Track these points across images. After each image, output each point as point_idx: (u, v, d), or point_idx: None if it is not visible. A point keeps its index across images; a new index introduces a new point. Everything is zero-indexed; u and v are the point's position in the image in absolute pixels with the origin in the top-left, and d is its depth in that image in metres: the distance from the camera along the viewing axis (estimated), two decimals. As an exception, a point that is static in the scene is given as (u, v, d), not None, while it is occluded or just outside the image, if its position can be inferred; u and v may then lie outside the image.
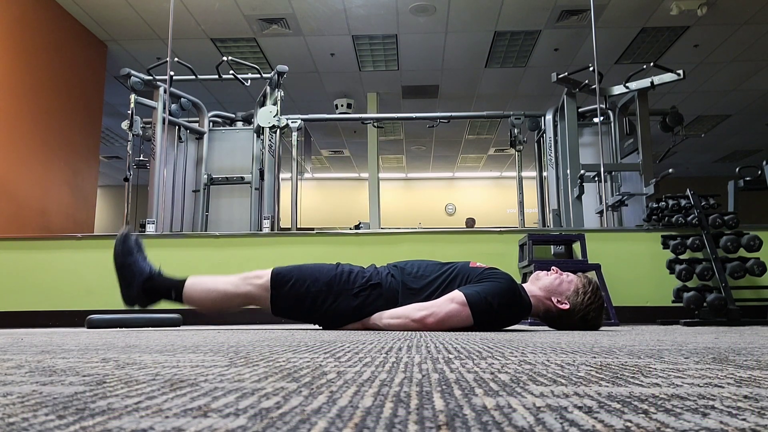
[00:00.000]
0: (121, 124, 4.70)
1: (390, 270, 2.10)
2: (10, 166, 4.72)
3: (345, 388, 0.46)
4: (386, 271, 2.09)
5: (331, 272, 2.08)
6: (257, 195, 4.82)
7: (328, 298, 2.03)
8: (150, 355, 0.82)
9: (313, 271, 2.08)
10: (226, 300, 2.12)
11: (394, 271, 2.09)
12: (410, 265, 2.11)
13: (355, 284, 2.04)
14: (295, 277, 2.06)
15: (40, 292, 3.68)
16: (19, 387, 0.46)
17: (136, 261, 2.09)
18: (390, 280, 2.05)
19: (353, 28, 5.88)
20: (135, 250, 2.11)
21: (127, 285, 2.07)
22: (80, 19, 5.66)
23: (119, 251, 2.09)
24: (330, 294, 2.04)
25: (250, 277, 2.12)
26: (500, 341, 1.19)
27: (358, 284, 2.04)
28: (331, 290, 2.04)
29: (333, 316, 2.05)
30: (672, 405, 0.38)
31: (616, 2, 5.36)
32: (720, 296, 3.10)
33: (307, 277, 2.06)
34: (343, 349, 0.91)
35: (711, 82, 7.03)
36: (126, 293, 2.09)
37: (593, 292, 2.04)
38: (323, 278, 2.06)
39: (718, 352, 0.89)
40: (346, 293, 2.03)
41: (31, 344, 1.14)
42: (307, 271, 2.09)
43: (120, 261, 2.08)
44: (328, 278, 2.06)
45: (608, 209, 4.56)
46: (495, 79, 7.09)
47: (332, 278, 2.06)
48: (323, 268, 2.10)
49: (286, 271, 2.09)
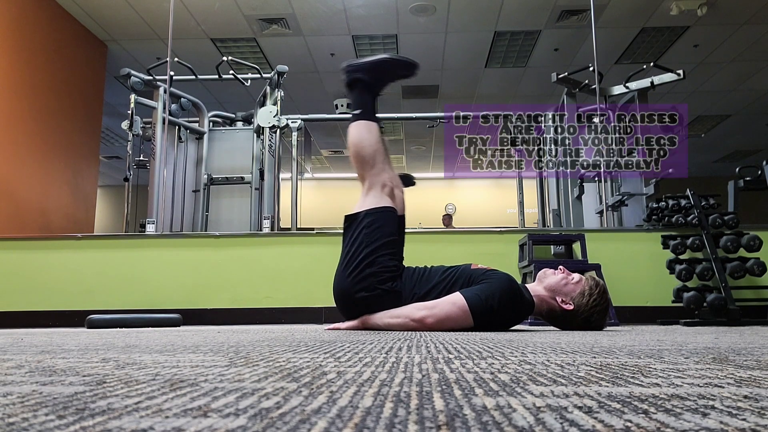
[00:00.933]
0: (121, 124, 4.71)
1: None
2: (10, 166, 4.72)
3: (345, 388, 0.46)
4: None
5: (386, 251, 2.01)
6: (257, 195, 4.82)
7: (360, 265, 1.97)
8: (150, 355, 0.82)
9: (387, 232, 2.03)
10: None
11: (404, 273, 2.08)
12: (413, 270, 2.10)
13: (383, 280, 1.98)
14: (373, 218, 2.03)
15: (40, 292, 3.68)
16: (19, 387, 0.46)
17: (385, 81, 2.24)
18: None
19: (353, 28, 5.88)
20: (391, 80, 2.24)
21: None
22: (80, 19, 5.66)
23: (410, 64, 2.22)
24: (364, 260, 1.97)
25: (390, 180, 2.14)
26: (500, 341, 1.19)
27: (386, 284, 1.99)
28: (365, 260, 1.97)
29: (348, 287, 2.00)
30: (672, 405, 0.38)
31: (616, 2, 5.36)
32: (720, 296, 3.10)
33: (378, 229, 2.01)
34: (343, 349, 0.91)
35: (711, 82, 7.03)
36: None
37: (600, 294, 2.02)
38: (376, 243, 1.99)
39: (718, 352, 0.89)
40: (372, 278, 1.98)
41: (31, 344, 1.14)
42: (389, 226, 2.04)
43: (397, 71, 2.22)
44: (378, 247, 1.99)
45: (608, 209, 4.56)
46: (495, 79, 7.09)
47: (378, 256, 1.99)
48: (392, 241, 2.04)
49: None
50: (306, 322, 3.58)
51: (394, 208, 2.10)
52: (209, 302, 3.66)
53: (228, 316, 3.61)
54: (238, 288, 3.70)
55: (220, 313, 3.62)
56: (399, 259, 2.09)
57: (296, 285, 3.68)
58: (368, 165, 2.13)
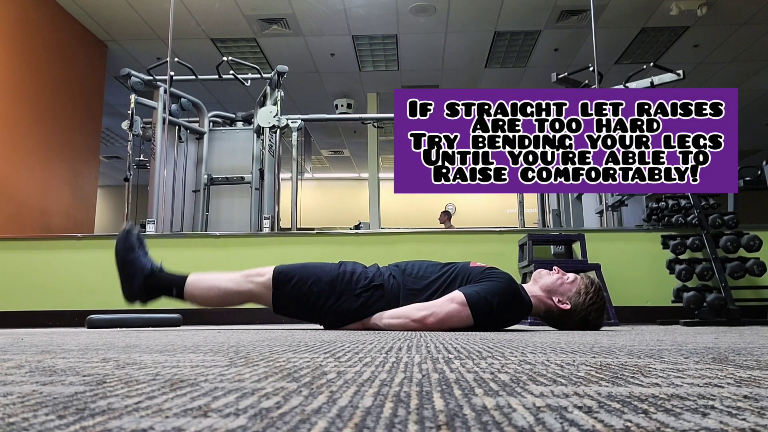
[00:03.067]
0: (121, 124, 4.70)
1: (391, 271, 2.10)
2: (10, 166, 4.72)
3: (345, 388, 0.46)
4: (388, 272, 2.08)
5: (334, 272, 2.07)
6: (257, 195, 4.82)
7: (330, 297, 2.03)
8: (150, 355, 0.82)
9: (316, 270, 2.08)
10: (228, 297, 2.12)
11: (395, 271, 2.09)
12: (411, 265, 2.10)
13: (357, 285, 2.04)
14: (297, 276, 2.06)
15: (40, 292, 3.68)
16: (19, 387, 0.46)
17: (138, 257, 2.08)
18: (392, 282, 2.04)
19: (353, 28, 5.88)
20: (137, 246, 2.10)
21: (129, 281, 2.07)
22: (80, 19, 5.66)
23: (121, 248, 2.08)
24: (332, 294, 2.03)
25: (252, 275, 2.11)
26: (500, 341, 1.19)
27: (360, 285, 2.04)
28: (333, 290, 2.03)
29: (335, 315, 2.05)
30: (672, 405, 0.38)
31: (616, 2, 5.36)
32: (720, 296, 3.10)
33: (309, 276, 2.06)
34: (343, 349, 0.91)
35: (711, 82, 7.03)
36: (127, 290, 2.09)
37: (595, 293, 2.03)
38: (325, 278, 2.05)
39: (718, 352, 0.89)
40: (348, 293, 2.03)
41: (32, 344, 1.14)
42: (310, 269, 2.08)
43: (122, 257, 2.08)
44: (330, 278, 2.05)
45: (608, 209, 4.56)
46: (495, 79, 7.09)
47: (335, 278, 2.05)
48: (326, 267, 2.10)
49: (288, 270, 2.08)
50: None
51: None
52: (209, 302, 3.66)
53: (228, 316, 3.61)
54: (238, 288, 3.69)
55: (220, 313, 3.62)
56: (352, 265, 2.12)
57: (296, 285, 3.68)
58: (236, 293, 2.14)
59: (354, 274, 2.07)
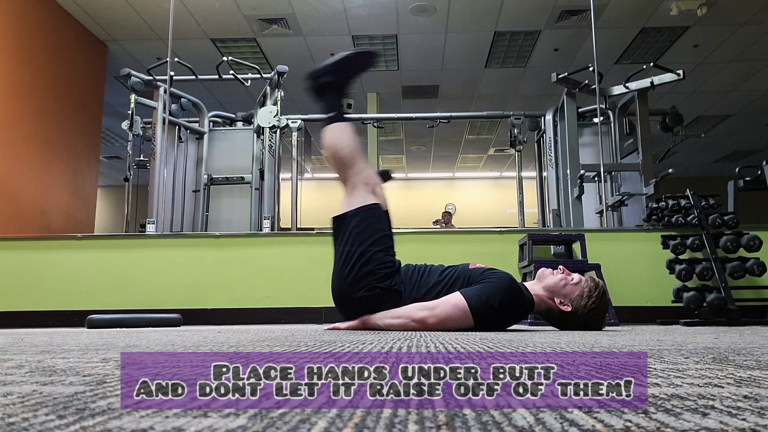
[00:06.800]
0: (121, 124, 4.71)
1: (402, 276, 2.08)
2: (10, 166, 4.72)
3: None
4: (400, 280, 2.06)
5: (379, 248, 2.02)
6: (257, 195, 4.82)
7: (357, 264, 1.98)
8: (150, 355, 0.82)
9: (374, 231, 2.03)
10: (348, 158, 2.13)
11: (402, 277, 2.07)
12: (411, 270, 2.09)
13: (381, 278, 1.98)
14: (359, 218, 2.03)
15: (40, 292, 3.68)
16: (19, 387, 0.46)
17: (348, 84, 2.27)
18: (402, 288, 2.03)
19: (353, 29, 5.88)
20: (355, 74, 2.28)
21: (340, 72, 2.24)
22: (80, 19, 5.66)
23: (369, 53, 2.30)
24: (360, 258, 1.98)
25: (372, 180, 2.13)
26: (500, 341, 1.19)
27: (384, 282, 1.99)
28: (361, 259, 1.98)
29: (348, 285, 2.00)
30: (672, 405, 0.38)
31: (616, 2, 5.36)
32: (720, 296, 3.10)
33: (368, 227, 2.02)
34: (343, 349, 0.91)
35: (711, 82, 7.03)
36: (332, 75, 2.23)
37: (599, 297, 2.00)
38: (369, 240, 2.00)
39: (718, 352, 0.89)
40: (369, 276, 1.98)
41: (32, 344, 1.14)
42: (374, 223, 2.04)
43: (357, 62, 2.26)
44: (370, 246, 2.00)
45: (608, 209, 4.56)
46: (495, 79, 7.09)
47: (373, 253, 1.99)
48: (382, 239, 2.04)
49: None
50: (306, 322, 3.58)
51: (380, 204, 2.11)
52: (209, 302, 3.66)
53: (228, 316, 3.61)
54: (238, 288, 3.70)
55: (220, 313, 3.62)
56: (392, 253, 2.10)
57: (296, 285, 3.68)
58: (348, 165, 2.13)
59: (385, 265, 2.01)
